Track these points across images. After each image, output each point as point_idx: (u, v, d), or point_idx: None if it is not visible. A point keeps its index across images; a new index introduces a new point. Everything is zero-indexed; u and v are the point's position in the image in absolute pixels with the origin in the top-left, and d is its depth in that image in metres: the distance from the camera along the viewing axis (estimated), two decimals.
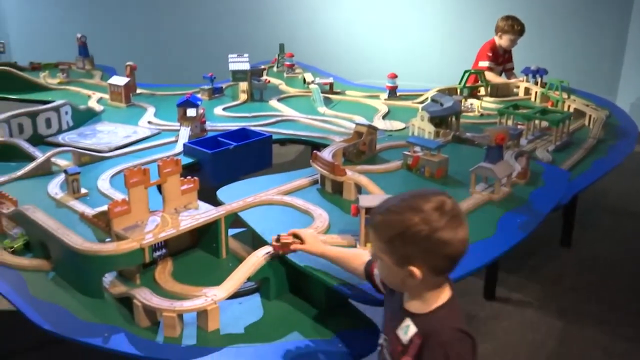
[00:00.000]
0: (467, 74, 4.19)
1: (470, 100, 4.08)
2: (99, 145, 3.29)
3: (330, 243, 2.14)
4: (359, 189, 2.55)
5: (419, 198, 1.38)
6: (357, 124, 3.06)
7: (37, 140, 3.38)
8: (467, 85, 4.18)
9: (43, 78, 4.72)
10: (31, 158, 3.04)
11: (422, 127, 3.31)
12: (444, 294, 1.43)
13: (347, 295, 1.91)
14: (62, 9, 7.09)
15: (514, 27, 4.47)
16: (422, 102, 3.96)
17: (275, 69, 5.03)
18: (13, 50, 7.44)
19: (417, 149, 2.83)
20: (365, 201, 2.08)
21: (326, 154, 2.69)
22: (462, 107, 3.69)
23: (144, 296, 1.88)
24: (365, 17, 5.92)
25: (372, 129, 2.99)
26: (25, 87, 4.52)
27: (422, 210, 1.35)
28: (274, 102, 4.17)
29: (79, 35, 5.09)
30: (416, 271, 1.37)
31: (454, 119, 3.37)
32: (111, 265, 1.98)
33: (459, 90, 4.14)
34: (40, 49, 6.94)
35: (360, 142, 2.92)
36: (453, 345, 1.35)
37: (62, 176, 2.73)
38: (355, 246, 2.12)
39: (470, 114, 3.92)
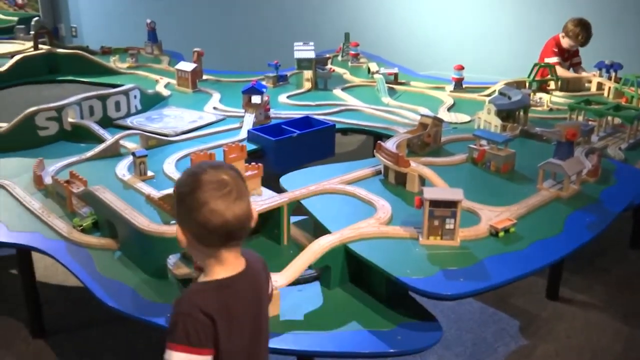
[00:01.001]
0: (537, 68, 4.07)
1: (539, 95, 3.97)
2: (165, 129, 3.35)
3: (393, 234, 2.13)
4: (423, 181, 2.52)
5: (203, 165, 1.40)
6: (422, 116, 3.02)
7: (107, 122, 3.46)
8: (537, 79, 4.07)
9: (113, 62, 4.84)
10: (101, 140, 3.13)
11: (489, 120, 3.24)
12: (221, 272, 1.39)
13: (408, 287, 1.89)
14: None
15: (578, 37, 4.32)
16: (488, 95, 3.88)
17: (340, 58, 5.01)
18: (85, 34, 7.67)
19: (484, 142, 2.77)
20: (430, 194, 2.05)
21: (390, 145, 2.66)
22: (531, 101, 3.60)
23: None
24: (432, 7, 5.82)
25: (438, 121, 2.95)
26: (96, 71, 4.63)
27: (193, 174, 1.37)
28: (337, 91, 4.16)
29: (148, 21, 5.19)
30: (179, 233, 1.39)
31: (522, 113, 3.29)
32: (175, 247, 2.00)
33: (527, 84, 4.04)
34: (110, 34, 7.12)
35: (425, 133, 2.88)
36: (184, 318, 1.32)
37: (130, 158, 2.79)
38: (417, 238, 2.10)
39: (539, 109, 3.81)
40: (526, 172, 2.69)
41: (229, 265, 1.40)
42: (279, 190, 2.40)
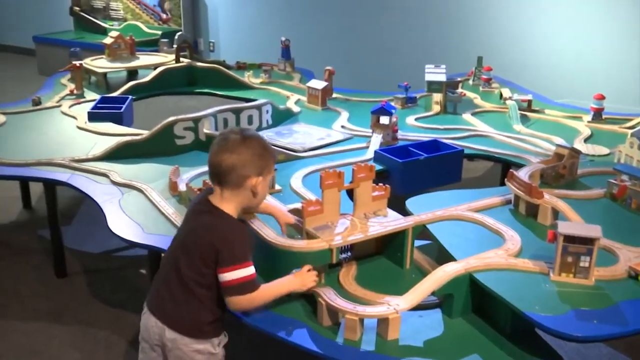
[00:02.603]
0: None
1: None
2: (294, 145, 3.41)
3: (522, 268, 2.05)
4: (556, 214, 2.40)
5: (240, 126, 2.20)
6: (558, 146, 2.90)
7: None
8: None
9: (247, 77, 5.01)
10: None
11: (631, 154, 3.05)
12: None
13: (535, 324, 1.80)
14: (268, 13, 7.50)
15: None
16: (631, 128, 3.66)
17: (471, 82, 4.91)
18: (222, 49, 8.02)
19: (625, 177, 2.61)
20: (565, 228, 1.95)
21: (523, 174, 2.57)
22: None
23: (329, 296, 1.91)
24: (571, 32, 5.60)
25: (575, 152, 2.82)
26: (231, 85, 4.83)
27: None
28: (467, 116, 4.08)
29: (283, 39, 5.33)
30: None
31: None
32: (300, 262, 2.03)
33: None
34: (245, 50, 7.40)
35: (561, 164, 2.76)
36: None
37: None
38: (548, 274, 2.01)
39: None
40: None
41: (214, 193, 1.95)
42: (403, 212, 2.37)
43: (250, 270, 1.88)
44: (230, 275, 1.86)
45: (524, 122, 3.92)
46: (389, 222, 2.18)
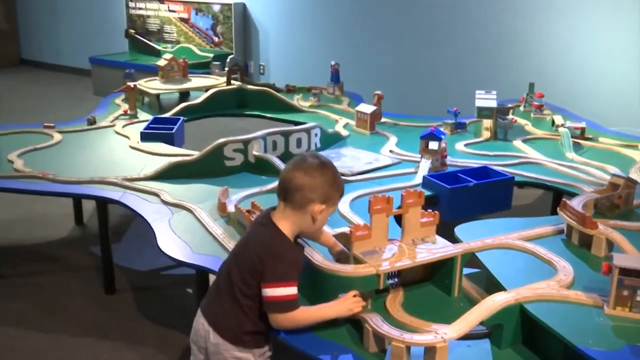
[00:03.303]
0: None
1: None
2: (342, 169, 3.40)
3: (574, 300, 1.99)
4: (610, 245, 2.34)
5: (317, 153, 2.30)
6: (614, 175, 2.83)
7: (287, 157, 3.55)
8: None
9: (296, 100, 5.05)
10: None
11: None
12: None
13: (588, 358, 1.75)
14: (318, 37, 7.57)
15: None
16: None
17: (522, 108, 4.84)
18: (272, 72, 8.12)
19: None
20: (620, 260, 1.90)
21: (576, 204, 2.51)
22: None
23: (375, 322, 1.89)
24: (625, 59, 5.49)
25: (631, 182, 2.74)
26: (280, 108, 4.86)
27: None
28: (518, 143, 4.02)
29: (332, 63, 5.36)
30: None
31: None
32: (347, 286, 2.01)
33: None
34: (295, 73, 7.48)
35: (616, 194, 2.69)
36: None
37: None
38: (602, 307, 1.95)
39: None
40: None
41: (277, 209, 2.02)
42: (451, 239, 2.34)
43: (291, 290, 1.90)
44: (271, 292, 1.89)
45: (577, 150, 3.84)
46: (438, 248, 2.16)
